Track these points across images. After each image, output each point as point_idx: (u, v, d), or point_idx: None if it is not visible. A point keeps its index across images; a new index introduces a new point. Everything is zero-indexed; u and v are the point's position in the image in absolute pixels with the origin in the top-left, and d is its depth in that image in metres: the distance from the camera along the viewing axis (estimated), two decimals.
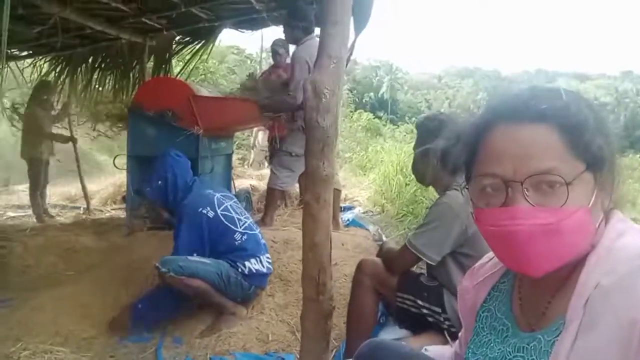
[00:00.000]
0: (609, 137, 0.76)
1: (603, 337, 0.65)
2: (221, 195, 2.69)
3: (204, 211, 2.53)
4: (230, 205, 2.66)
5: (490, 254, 1.01)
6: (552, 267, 0.74)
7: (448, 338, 1.94)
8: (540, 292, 0.82)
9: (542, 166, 0.72)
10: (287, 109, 3.63)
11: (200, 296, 2.41)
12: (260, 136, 7.81)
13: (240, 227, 2.58)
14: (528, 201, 0.73)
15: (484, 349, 0.89)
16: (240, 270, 2.48)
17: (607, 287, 0.67)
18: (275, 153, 3.99)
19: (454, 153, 0.87)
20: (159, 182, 2.64)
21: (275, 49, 4.60)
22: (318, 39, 3.53)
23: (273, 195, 3.82)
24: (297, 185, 4.32)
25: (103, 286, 2.73)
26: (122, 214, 4.72)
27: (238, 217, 2.62)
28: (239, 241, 2.53)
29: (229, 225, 2.55)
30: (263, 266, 2.57)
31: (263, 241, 2.69)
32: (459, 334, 1.14)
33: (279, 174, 3.74)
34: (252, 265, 2.51)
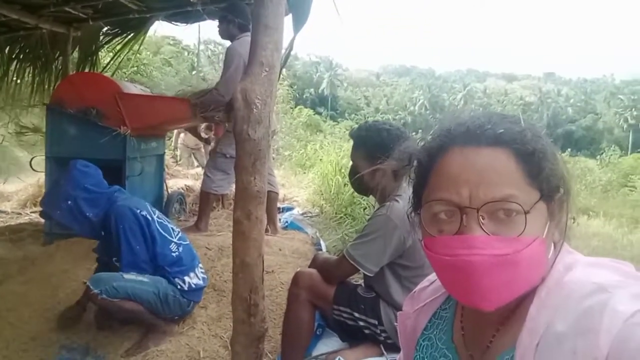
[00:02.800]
0: (561, 168, 0.73)
1: None
2: (149, 205, 2.46)
3: (143, 213, 2.31)
4: (159, 215, 2.46)
5: (432, 277, 0.97)
6: (505, 300, 0.70)
7: (384, 350, 1.93)
8: (484, 323, 0.79)
9: (499, 193, 0.68)
10: (215, 106, 3.47)
11: (132, 318, 2.25)
12: (182, 137, 7.55)
13: (175, 237, 2.40)
14: (484, 229, 0.68)
15: None
16: (179, 287, 2.29)
17: (561, 332, 0.63)
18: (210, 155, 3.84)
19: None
20: (68, 202, 2.27)
21: None
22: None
23: (207, 200, 3.66)
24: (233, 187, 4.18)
25: (16, 303, 2.48)
26: (41, 218, 4.35)
27: (172, 226, 2.45)
28: (176, 252, 2.34)
29: (165, 234, 2.35)
30: (200, 279, 2.41)
31: (195, 252, 2.54)
32: (397, 357, 1.10)
33: (214, 176, 3.59)
34: (191, 279, 2.34)
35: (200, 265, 2.51)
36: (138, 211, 2.30)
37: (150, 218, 2.32)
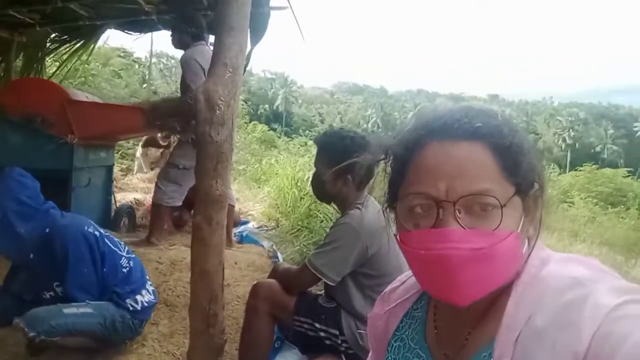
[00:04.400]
0: (537, 163, 0.74)
1: None
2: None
3: (90, 230, 2.08)
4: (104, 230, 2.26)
5: (402, 277, 0.96)
6: (480, 295, 0.69)
7: None
8: (459, 321, 0.77)
9: (476, 186, 0.68)
10: (187, 114, 3.37)
11: (77, 348, 2.05)
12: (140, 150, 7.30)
13: (124, 251, 2.20)
14: (460, 223, 0.67)
15: None
16: (132, 308, 2.08)
17: (541, 327, 0.63)
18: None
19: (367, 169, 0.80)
20: (10, 213, 1.98)
21: None
22: (209, 47, 3.33)
23: (159, 212, 3.52)
24: None
25: None
26: None
27: (118, 240, 2.26)
28: (126, 268, 2.13)
29: (115, 249, 2.15)
30: (152, 294, 2.23)
31: (142, 265, 2.35)
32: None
33: (165, 188, 3.46)
34: (144, 297, 2.14)
35: (149, 279, 2.33)
36: (86, 228, 2.08)
37: (98, 233, 2.12)
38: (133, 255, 2.26)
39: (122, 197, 4.81)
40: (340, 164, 1.92)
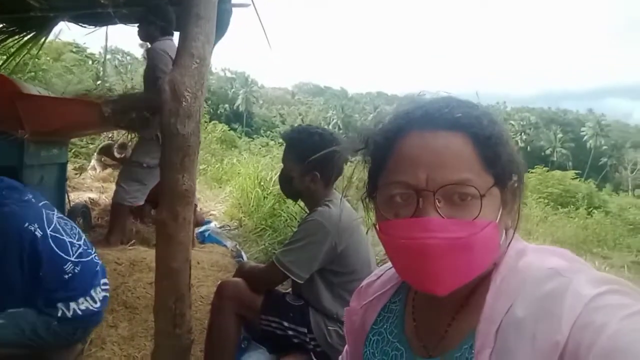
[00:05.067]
0: (515, 155, 0.74)
1: None
2: (47, 209, 2.03)
3: (31, 228, 1.87)
4: (58, 221, 2.03)
5: (378, 271, 0.95)
6: (458, 284, 0.69)
7: (314, 358, 1.88)
8: (438, 313, 0.78)
9: (456, 176, 0.68)
10: (148, 107, 3.25)
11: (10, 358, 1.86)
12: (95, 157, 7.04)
13: (74, 254, 1.97)
14: (439, 213, 0.68)
15: None
16: (60, 314, 1.87)
17: (521, 317, 0.63)
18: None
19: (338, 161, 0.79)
20: None
21: None
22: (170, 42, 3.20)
23: (120, 212, 3.38)
24: None
25: None
26: None
27: (70, 240, 2.02)
28: (69, 274, 1.92)
29: (60, 253, 1.92)
30: (96, 301, 2.00)
31: (100, 263, 2.14)
32: (340, 357, 1.06)
33: (128, 187, 3.33)
34: (79, 306, 1.92)
35: (105, 280, 2.12)
36: (26, 225, 1.88)
37: (40, 234, 1.89)
38: (85, 259, 2.02)
39: (76, 197, 4.61)
40: (307, 159, 1.90)
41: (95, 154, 6.57)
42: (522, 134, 78.47)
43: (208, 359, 1.86)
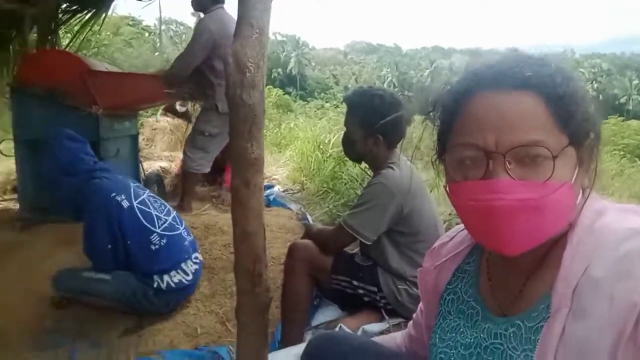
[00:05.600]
0: (592, 112, 0.71)
1: (596, 325, 0.61)
2: (136, 185, 2.24)
3: (118, 198, 2.06)
4: (148, 198, 2.22)
5: (451, 233, 0.96)
6: (530, 245, 0.69)
7: (385, 315, 1.93)
8: (513, 273, 0.78)
9: (526, 138, 0.66)
10: (171, 83, 3.36)
11: (108, 309, 2.15)
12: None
13: (160, 227, 2.13)
14: (510, 175, 0.67)
15: (454, 335, 0.84)
16: (156, 285, 2.07)
17: (599, 277, 0.63)
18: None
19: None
20: (52, 172, 2.18)
21: None
22: (227, 12, 3.23)
23: (189, 179, 3.57)
24: None
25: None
26: (13, 206, 4.15)
27: (157, 214, 2.17)
28: (157, 245, 2.08)
29: (146, 224, 2.09)
30: (188, 274, 2.16)
31: (190, 238, 2.31)
32: (414, 316, 1.09)
33: (193, 155, 3.49)
34: (172, 278, 2.10)
35: (196, 255, 2.30)
36: (112, 195, 2.08)
37: (127, 205, 2.08)
38: (172, 233, 2.18)
39: (148, 166, 4.87)
40: (370, 123, 1.90)
41: (160, 110, 6.87)
42: (594, 82, 72.70)
43: (284, 316, 1.96)
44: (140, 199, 2.17)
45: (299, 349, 1.63)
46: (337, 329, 1.86)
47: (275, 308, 2.09)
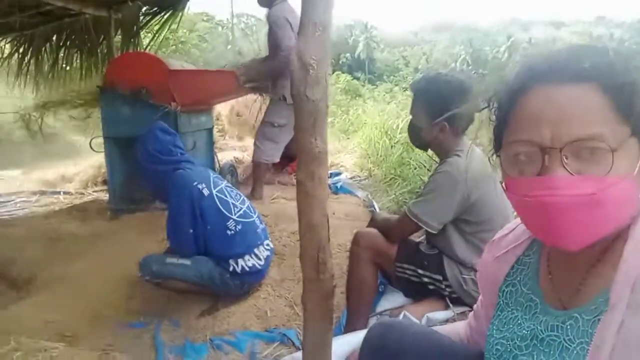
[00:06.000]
0: None
1: None
2: (215, 176, 2.44)
3: (199, 186, 2.26)
4: (225, 187, 2.41)
5: (511, 225, 0.96)
6: (590, 240, 0.68)
7: (450, 304, 1.94)
8: (573, 266, 0.77)
9: (583, 131, 0.66)
10: (271, 75, 3.48)
11: (187, 292, 2.35)
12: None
13: (236, 214, 2.31)
14: (567, 170, 0.66)
15: (511, 326, 0.85)
16: (232, 268, 2.25)
17: None
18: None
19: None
20: (143, 161, 2.40)
21: None
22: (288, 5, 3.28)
23: (259, 169, 3.73)
24: None
25: (92, 275, 2.65)
26: (104, 197, 4.58)
27: (233, 202, 2.36)
28: (232, 231, 2.26)
29: (224, 211, 2.28)
30: (260, 259, 2.32)
31: (262, 226, 2.46)
32: (474, 307, 1.10)
33: (263, 147, 3.64)
34: (246, 262, 2.27)
35: (268, 241, 2.45)
36: (195, 184, 2.27)
37: (207, 193, 2.27)
38: (247, 219, 2.35)
39: (222, 157, 5.13)
40: (435, 110, 1.89)
41: None
42: None
43: (349, 302, 2.03)
44: (218, 188, 2.36)
45: (362, 334, 1.70)
46: (401, 315, 1.90)
47: (341, 294, 2.17)
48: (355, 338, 1.67)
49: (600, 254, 0.73)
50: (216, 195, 2.32)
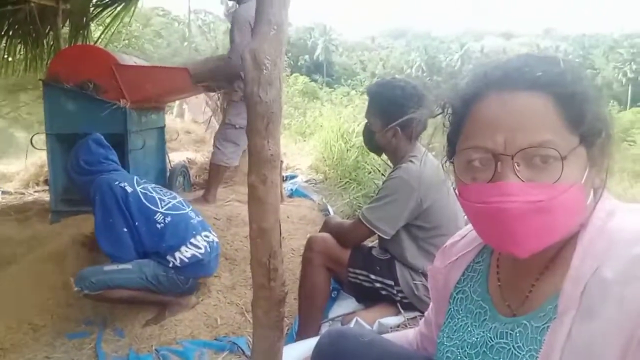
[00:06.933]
0: (604, 111, 0.70)
1: (603, 328, 0.60)
2: (142, 180, 2.41)
3: (121, 184, 2.25)
4: (152, 187, 2.39)
5: (462, 232, 0.96)
6: (540, 247, 0.68)
7: (401, 309, 1.94)
8: (522, 273, 0.77)
9: (536, 139, 0.66)
10: (227, 76, 3.40)
11: (131, 301, 2.24)
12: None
13: (163, 207, 2.29)
14: (518, 177, 0.66)
15: (461, 334, 0.84)
16: (171, 264, 2.19)
17: (609, 279, 0.62)
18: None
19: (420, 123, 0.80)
20: (71, 170, 2.40)
21: None
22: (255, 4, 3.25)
23: (217, 172, 3.60)
24: None
25: (27, 281, 2.48)
26: (45, 197, 4.33)
27: (160, 197, 2.34)
28: (162, 224, 2.22)
29: (149, 204, 2.26)
30: (200, 247, 2.25)
31: (199, 218, 2.40)
32: (425, 313, 1.10)
33: (224, 149, 3.52)
34: (183, 254, 2.21)
35: (207, 233, 2.36)
36: (117, 183, 2.25)
37: (130, 190, 2.25)
38: (176, 212, 2.31)
39: (175, 157, 4.97)
40: (388, 114, 1.90)
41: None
42: (632, 63, 69.31)
43: (301, 308, 2.00)
44: (142, 185, 2.35)
45: (314, 341, 1.66)
46: (353, 321, 1.88)
47: (294, 300, 2.13)
48: (307, 345, 1.64)
49: (549, 261, 0.73)
50: (140, 191, 2.29)
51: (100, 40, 5.33)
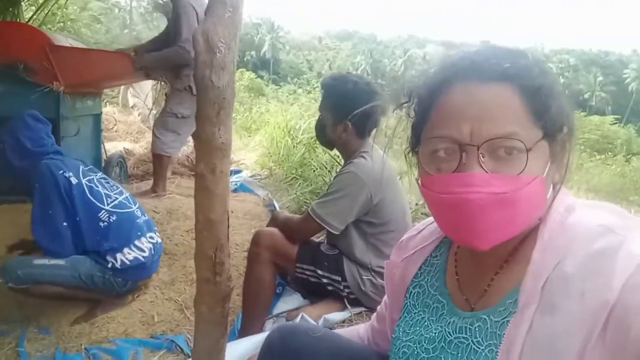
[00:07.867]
0: (567, 106, 0.71)
1: (564, 322, 0.60)
2: (88, 168, 2.23)
3: (66, 175, 2.06)
4: (98, 179, 2.21)
5: (419, 226, 0.95)
6: (501, 239, 0.68)
7: (347, 305, 1.94)
8: (481, 267, 0.77)
9: (502, 130, 0.65)
10: (179, 63, 3.25)
11: (59, 298, 2.07)
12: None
13: (109, 204, 2.12)
14: (483, 168, 0.66)
15: (418, 328, 0.83)
16: (111, 265, 2.04)
17: (570, 273, 0.62)
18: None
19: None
20: (10, 151, 2.13)
21: None
22: None
23: (160, 162, 3.44)
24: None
25: None
26: None
27: (107, 192, 2.17)
28: (105, 222, 2.06)
29: (94, 200, 2.09)
30: (144, 250, 2.12)
31: (145, 217, 2.26)
32: (378, 308, 1.08)
33: (164, 138, 3.37)
34: (126, 256, 2.06)
35: (152, 234, 2.23)
36: (61, 172, 2.05)
37: (75, 181, 2.07)
38: (122, 210, 2.15)
39: (111, 147, 4.72)
40: (340, 108, 1.88)
41: None
42: (560, 77, 74.61)
43: (246, 304, 1.94)
44: (88, 177, 2.16)
45: (258, 337, 1.62)
46: (298, 317, 1.85)
47: (237, 296, 2.07)
48: (251, 342, 1.59)
49: (508, 255, 0.74)
50: (85, 184, 2.11)
51: (32, 20, 4.95)
